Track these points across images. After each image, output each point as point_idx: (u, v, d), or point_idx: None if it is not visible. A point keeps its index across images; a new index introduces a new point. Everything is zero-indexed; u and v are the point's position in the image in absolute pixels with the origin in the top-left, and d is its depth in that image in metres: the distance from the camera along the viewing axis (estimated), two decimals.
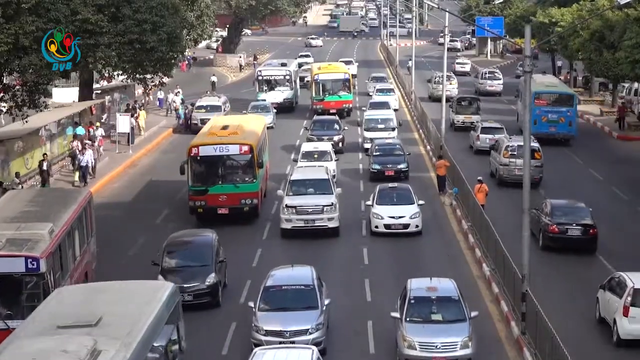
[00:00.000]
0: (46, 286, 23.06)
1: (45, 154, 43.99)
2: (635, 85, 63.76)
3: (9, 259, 23.19)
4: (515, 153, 42.64)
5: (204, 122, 57.12)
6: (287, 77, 68.55)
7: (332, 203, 35.64)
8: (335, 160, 45.13)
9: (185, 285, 27.57)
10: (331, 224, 35.61)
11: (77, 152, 45.50)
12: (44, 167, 42.40)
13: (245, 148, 37.63)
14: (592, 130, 61.31)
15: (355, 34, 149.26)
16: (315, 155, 44.55)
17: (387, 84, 75.17)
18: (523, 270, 25.40)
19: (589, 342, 25.77)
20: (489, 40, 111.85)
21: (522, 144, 42.48)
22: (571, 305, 28.61)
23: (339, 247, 35.23)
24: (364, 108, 60.32)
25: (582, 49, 62.72)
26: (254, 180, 37.77)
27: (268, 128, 50.90)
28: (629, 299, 24.96)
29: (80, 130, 50.45)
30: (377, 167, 44.90)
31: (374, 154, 45.81)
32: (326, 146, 46.13)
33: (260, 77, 68.50)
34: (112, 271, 31.76)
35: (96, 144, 49.91)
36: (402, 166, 44.84)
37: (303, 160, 44.02)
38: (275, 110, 62.02)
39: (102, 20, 43.28)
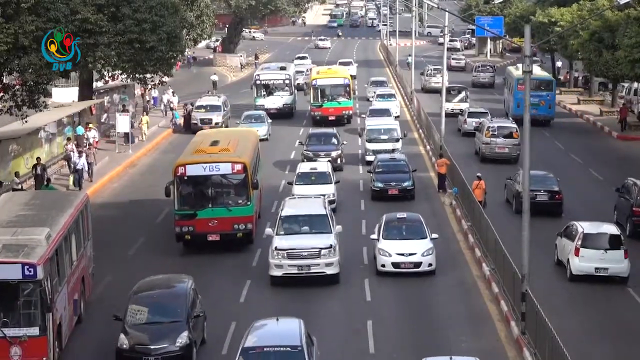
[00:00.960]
0: (43, 293, 22.66)
1: (38, 157, 42.79)
2: (635, 85, 63.71)
3: (6, 266, 22.66)
4: (495, 133, 48.70)
5: (203, 121, 57.31)
6: (287, 82, 64.47)
7: (331, 245, 30.17)
8: (336, 183, 40.18)
9: (152, 347, 23.40)
10: (329, 270, 30.01)
11: (72, 155, 44.55)
12: (38, 171, 41.06)
13: (239, 167, 33.72)
14: (592, 130, 61.39)
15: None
16: (313, 177, 39.70)
17: (387, 88, 71.75)
18: (523, 270, 25.37)
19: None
20: (488, 40, 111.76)
21: (502, 124, 49.41)
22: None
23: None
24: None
25: (581, 49, 62.68)
26: (249, 203, 33.75)
27: (263, 140, 49.33)
28: (580, 241, 30.35)
29: (80, 130, 50.37)
30: (380, 185, 40.96)
31: (377, 170, 41.81)
32: (325, 166, 40.96)
33: (258, 82, 63.95)
34: (112, 271, 31.86)
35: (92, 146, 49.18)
36: (407, 184, 40.91)
37: (299, 183, 39.33)
38: (270, 121, 57.55)
39: (101, 20, 43.36)
